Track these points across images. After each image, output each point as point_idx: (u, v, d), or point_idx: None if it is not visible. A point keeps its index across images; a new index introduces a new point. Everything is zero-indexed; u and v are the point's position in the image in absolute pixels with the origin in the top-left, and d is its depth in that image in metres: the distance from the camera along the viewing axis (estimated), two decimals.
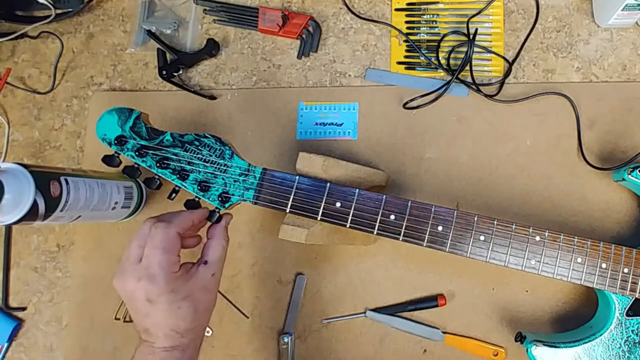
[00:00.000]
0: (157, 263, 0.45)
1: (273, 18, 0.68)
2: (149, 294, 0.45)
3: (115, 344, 0.64)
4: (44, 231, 0.68)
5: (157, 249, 0.46)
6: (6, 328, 0.65)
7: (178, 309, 0.46)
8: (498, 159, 0.63)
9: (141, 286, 0.45)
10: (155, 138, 0.53)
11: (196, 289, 0.47)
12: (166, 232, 0.47)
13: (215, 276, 0.49)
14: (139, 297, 0.45)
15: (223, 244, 0.51)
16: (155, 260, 0.45)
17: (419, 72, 0.66)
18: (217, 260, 0.50)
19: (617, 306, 0.52)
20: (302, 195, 0.52)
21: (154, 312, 0.45)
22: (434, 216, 0.51)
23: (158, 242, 0.46)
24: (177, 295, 0.46)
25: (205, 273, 0.49)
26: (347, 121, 0.66)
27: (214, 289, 0.50)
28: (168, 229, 0.47)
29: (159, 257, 0.45)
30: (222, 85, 0.69)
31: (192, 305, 0.46)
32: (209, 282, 0.49)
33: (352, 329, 0.61)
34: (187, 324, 0.46)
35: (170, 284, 0.45)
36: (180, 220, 0.49)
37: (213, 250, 0.50)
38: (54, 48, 0.73)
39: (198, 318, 0.47)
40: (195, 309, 0.47)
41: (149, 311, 0.45)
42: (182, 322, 0.46)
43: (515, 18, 0.67)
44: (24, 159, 0.70)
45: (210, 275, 0.49)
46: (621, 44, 0.64)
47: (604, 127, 0.62)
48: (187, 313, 0.46)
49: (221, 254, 0.50)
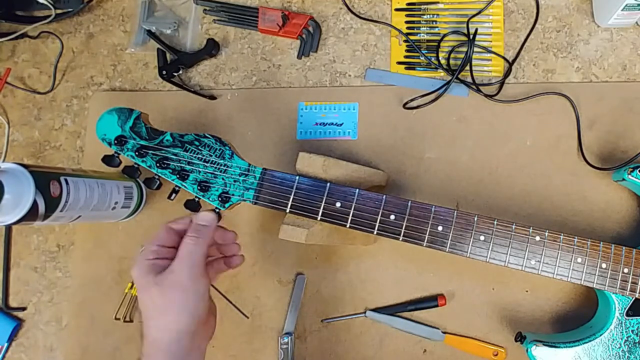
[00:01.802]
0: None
1: (273, 18, 0.68)
2: (136, 281, 0.48)
3: (115, 344, 0.64)
4: (44, 231, 0.68)
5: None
6: (6, 328, 0.65)
7: (150, 299, 0.46)
8: (498, 159, 0.63)
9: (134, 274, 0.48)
10: (155, 138, 0.53)
11: (166, 283, 0.46)
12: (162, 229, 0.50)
13: (184, 274, 0.47)
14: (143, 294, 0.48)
15: (190, 241, 0.49)
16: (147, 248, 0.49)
17: (419, 72, 0.66)
18: (184, 255, 0.48)
19: (617, 306, 0.52)
20: (302, 195, 0.52)
21: (141, 303, 0.48)
22: (434, 216, 0.51)
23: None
24: (149, 284, 0.47)
25: (173, 269, 0.47)
26: (347, 121, 0.66)
27: (189, 288, 0.47)
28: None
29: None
30: (222, 85, 0.69)
31: (162, 297, 0.46)
32: (178, 279, 0.47)
33: (352, 329, 0.61)
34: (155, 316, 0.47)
35: (144, 273, 0.47)
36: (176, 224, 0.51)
37: (182, 245, 0.49)
38: (54, 48, 0.73)
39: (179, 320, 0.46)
40: (164, 305, 0.46)
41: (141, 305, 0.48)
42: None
43: (515, 18, 0.67)
44: (24, 159, 0.70)
45: (179, 271, 0.47)
46: (621, 44, 0.64)
47: (604, 127, 0.62)
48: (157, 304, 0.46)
49: (189, 248, 0.48)
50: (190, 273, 0.47)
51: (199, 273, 0.48)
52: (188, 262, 0.47)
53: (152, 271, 0.47)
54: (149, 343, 0.46)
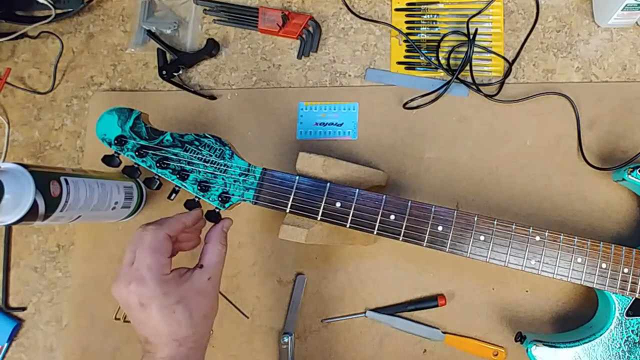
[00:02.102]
0: (146, 265, 0.44)
1: (273, 18, 0.68)
2: (140, 298, 0.44)
3: (115, 344, 0.64)
4: (44, 231, 0.68)
5: (145, 250, 0.45)
6: (6, 328, 0.65)
7: (172, 313, 0.45)
8: (498, 159, 0.63)
9: (132, 289, 0.44)
10: (155, 138, 0.53)
11: (190, 293, 0.46)
12: (155, 234, 0.46)
13: (211, 281, 0.48)
14: (132, 302, 0.44)
15: (219, 249, 0.50)
16: (143, 262, 0.45)
17: (419, 72, 0.66)
18: (213, 264, 0.49)
19: (617, 306, 0.52)
20: (302, 195, 0.52)
21: (148, 318, 0.44)
22: (434, 216, 0.51)
23: (146, 244, 0.45)
24: (170, 299, 0.45)
25: (200, 277, 0.48)
26: (347, 121, 0.66)
27: (211, 294, 0.49)
28: (157, 231, 0.47)
29: (147, 259, 0.45)
30: (222, 85, 0.69)
31: (187, 310, 0.45)
32: (204, 286, 0.48)
33: (352, 329, 0.61)
34: (184, 330, 0.45)
35: (161, 286, 0.44)
36: (171, 222, 0.49)
37: (209, 254, 0.50)
38: (54, 48, 0.73)
39: (196, 324, 0.46)
40: (190, 314, 0.46)
41: (143, 317, 0.44)
42: (179, 328, 0.45)
43: (515, 18, 0.67)
44: (24, 159, 0.70)
45: (206, 279, 0.48)
46: (621, 44, 0.64)
47: (604, 127, 0.62)
48: (182, 318, 0.45)
49: (217, 258, 0.50)
50: (217, 281, 0.49)
51: (219, 275, 0.50)
52: (218, 268, 0.49)
53: (175, 278, 0.47)
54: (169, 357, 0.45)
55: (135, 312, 0.45)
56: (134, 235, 0.47)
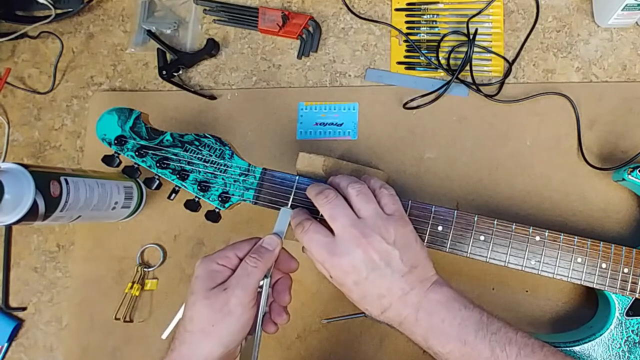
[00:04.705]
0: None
1: (273, 18, 0.68)
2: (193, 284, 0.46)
3: (115, 344, 0.63)
4: (44, 231, 0.68)
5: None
6: (6, 328, 0.65)
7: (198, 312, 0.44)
8: (498, 159, 0.63)
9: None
10: (155, 138, 0.53)
11: (215, 302, 0.44)
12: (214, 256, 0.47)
13: (235, 296, 0.44)
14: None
15: (251, 262, 0.46)
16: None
17: (419, 72, 0.66)
18: (241, 275, 0.46)
19: (617, 306, 0.52)
20: (302, 195, 0.52)
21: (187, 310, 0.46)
22: (434, 216, 0.51)
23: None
24: (200, 293, 0.45)
25: (227, 286, 0.45)
26: (347, 121, 0.66)
27: (234, 313, 0.44)
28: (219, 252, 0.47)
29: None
30: (222, 85, 0.69)
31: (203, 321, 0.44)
32: (227, 300, 0.45)
33: (352, 329, 0.61)
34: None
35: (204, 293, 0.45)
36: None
37: (242, 264, 0.47)
38: (54, 48, 0.73)
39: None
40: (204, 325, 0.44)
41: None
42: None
43: (515, 18, 0.67)
44: (24, 159, 0.70)
45: (231, 290, 0.45)
46: (621, 44, 0.64)
47: (604, 127, 0.62)
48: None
49: (249, 269, 0.46)
50: (243, 296, 0.44)
51: (249, 300, 0.45)
52: (244, 283, 0.45)
53: (211, 279, 0.45)
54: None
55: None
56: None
